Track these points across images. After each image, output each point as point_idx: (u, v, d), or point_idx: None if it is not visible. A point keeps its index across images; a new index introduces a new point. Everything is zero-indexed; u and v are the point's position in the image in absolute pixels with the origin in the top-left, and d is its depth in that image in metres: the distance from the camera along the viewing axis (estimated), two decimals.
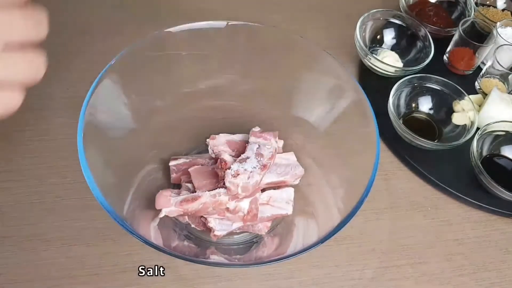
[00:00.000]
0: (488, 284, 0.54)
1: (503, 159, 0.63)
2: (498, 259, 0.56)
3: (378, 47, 0.74)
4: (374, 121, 0.47)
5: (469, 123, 0.63)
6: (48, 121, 0.60)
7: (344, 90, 0.52)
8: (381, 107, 0.62)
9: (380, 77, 0.71)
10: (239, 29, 0.54)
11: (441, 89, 0.67)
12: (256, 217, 0.49)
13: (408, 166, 0.63)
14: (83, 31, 0.71)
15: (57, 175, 0.56)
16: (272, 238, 0.51)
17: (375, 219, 0.57)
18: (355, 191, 0.44)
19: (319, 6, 0.82)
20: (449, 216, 0.59)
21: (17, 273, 0.48)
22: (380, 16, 0.74)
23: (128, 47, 0.48)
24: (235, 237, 0.52)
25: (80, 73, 0.65)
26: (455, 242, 0.57)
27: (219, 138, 0.54)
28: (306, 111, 0.57)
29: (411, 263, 0.54)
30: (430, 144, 0.61)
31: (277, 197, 0.51)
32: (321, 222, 0.49)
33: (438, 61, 0.73)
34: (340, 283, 0.52)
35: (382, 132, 0.64)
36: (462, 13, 0.79)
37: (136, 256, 0.50)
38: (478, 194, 0.60)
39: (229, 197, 0.47)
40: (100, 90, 0.45)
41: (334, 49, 0.57)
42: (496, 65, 0.68)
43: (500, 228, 0.59)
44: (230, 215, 0.48)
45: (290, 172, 0.52)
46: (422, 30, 0.72)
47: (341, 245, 0.54)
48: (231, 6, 0.78)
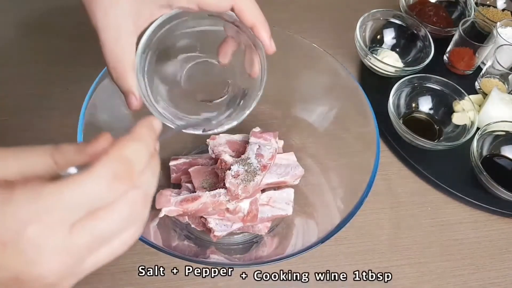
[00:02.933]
0: (488, 284, 0.54)
1: (503, 159, 0.63)
2: (498, 259, 0.56)
3: (378, 47, 0.74)
4: (374, 121, 0.47)
5: (469, 123, 0.63)
6: (48, 121, 0.60)
7: (344, 90, 0.52)
8: (381, 107, 0.62)
9: (380, 77, 0.71)
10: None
11: (441, 89, 0.67)
12: (256, 218, 0.49)
13: (408, 166, 0.63)
14: (83, 31, 0.71)
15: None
16: (272, 238, 0.51)
17: (375, 219, 0.57)
18: (355, 191, 0.44)
19: (319, 6, 0.82)
20: (449, 216, 0.59)
21: None
22: (380, 16, 0.74)
23: None
24: (235, 237, 0.52)
25: (80, 73, 0.65)
26: (455, 242, 0.57)
27: (219, 138, 0.54)
28: (306, 111, 0.57)
29: (411, 263, 0.54)
30: (430, 144, 0.61)
31: (277, 197, 0.51)
32: (321, 222, 0.49)
33: (438, 61, 0.73)
34: (340, 283, 0.52)
35: (382, 132, 0.64)
36: (462, 13, 0.79)
37: (136, 256, 0.50)
38: (478, 194, 0.60)
39: (229, 197, 0.47)
40: (100, 90, 0.45)
41: (334, 49, 0.57)
42: (496, 65, 0.68)
43: (500, 228, 0.59)
44: (230, 215, 0.48)
45: (290, 173, 0.52)
46: (422, 30, 0.72)
47: (341, 245, 0.54)
48: None
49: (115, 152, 0.25)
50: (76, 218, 0.24)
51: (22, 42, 0.69)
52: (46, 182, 0.24)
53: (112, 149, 0.25)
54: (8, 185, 0.24)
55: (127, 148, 0.26)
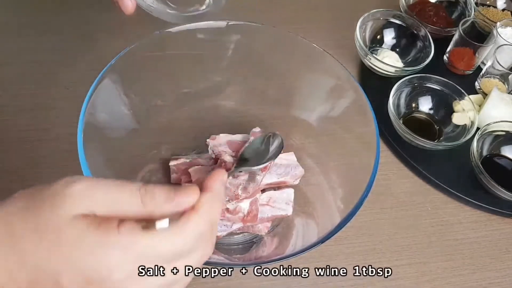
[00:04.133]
0: (488, 284, 0.54)
1: (503, 159, 0.63)
2: (498, 259, 0.56)
3: (378, 47, 0.74)
4: (374, 121, 0.47)
5: (469, 123, 0.63)
6: (48, 121, 0.60)
7: (344, 90, 0.52)
8: (381, 107, 0.62)
9: (380, 77, 0.71)
10: (239, 29, 0.54)
11: (441, 89, 0.67)
12: (256, 218, 0.49)
13: (408, 166, 0.63)
14: (83, 31, 0.71)
15: (57, 175, 0.55)
16: (272, 238, 0.51)
17: (375, 219, 0.57)
18: (355, 191, 0.44)
19: (319, 6, 0.82)
20: (449, 216, 0.59)
21: None
22: (380, 16, 0.74)
23: (128, 47, 0.48)
24: (235, 237, 0.52)
25: (80, 73, 0.65)
26: (455, 242, 0.57)
27: (220, 138, 0.54)
28: (306, 111, 0.57)
29: (411, 263, 0.54)
30: (430, 144, 0.61)
31: (277, 198, 0.51)
32: (321, 222, 0.49)
33: (438, 61, 0.73)
34: (340, 283, 0.52)
35: (382, 132, 0.64)
36: (462, 13, 0.79)
37: None
38: (478, 194, 0.60)
39: (229, 197, 0.47)
40: (100, 90, 0.45)
41: (334, 49, 0.57)
42: (496, 65, 0.68)
43: (500, 228, 0.59)
44: (230, 215, 0.48)
45: (290, 173, 0.52)
46: (422, 30, 0.72)
47: (341, 245, 0.54)
48: (231, 6, 0.78)
49: (203, 215, 0.28)
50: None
51: (22, 41, 0.69)
52: (140, 230, 0.26)
53: (200, 209, 0.28)
54: (104, 222, 0.26)
55: (212, 210, 0.29)
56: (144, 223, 0.27)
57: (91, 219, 0.26)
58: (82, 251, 0.25)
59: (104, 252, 0.25)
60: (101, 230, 0.25)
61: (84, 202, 0.26)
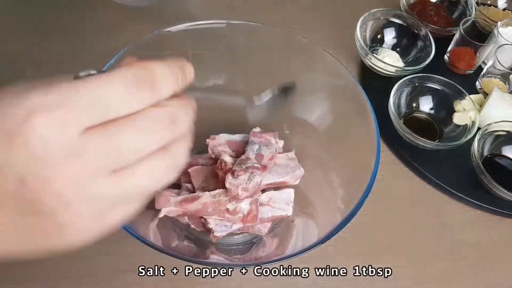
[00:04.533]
0: (488, 284, 0.54)
1: (504, 159, 0.63)
2: (499, 260, 0.56)
3: (378, 47, 0.74)
4: (374, 121, 0.47)
5: (470, 123, 0.63)
6: None
7: (344, 90, 0.52)
8: (382, 107, 0.62)
9: (380, 76, 0.70)
10: (239, 28, 0.53)
11: (442, 89, 0.67)
12: (256, 218, 0.49)
13: (409, 166, 0.63)
14: (83, 31, 0.71)
15: None
16: (272, 239, 0.51)
17: (376, 219, 0.57)
18: (355, 191, 0.44)
19: (319, 5, 0.82)
20: (450, 216, 0.59)
21: (17, 273, 0.48)
22: (381, 16, 0.73)
23: (128, 47, 0.48)
24: (235, 237, 0.52)
25: None
26: (455, 242, 0.57)
27: (219, 138, 0.54)
28: (306, 111, 0.57)
29: (411, 263, 0.54)
30: (431, 144, 0.61)
31: (277, 198, 0.51)
32: (321, 223, 0.49)
33: (439, 60, 0.73)
34: (340, 283, 0.52)
35: (382, 132, 0.64)
36: (463, 13, 0.79)
37: (136, 256, 0.50)
38: (478, 194, 0.60)
39: (229, 197, 0.47)
40: None
41: (334, 48, 0.57)
42: (497, 65, 0.68)
43: (501, 228, 0.59)
44: (230, 216, 0.48)
45: (290, 173, 0.52)
46: (423, 29, 0.72)
47: (341, 245, 0.54)
48: (231, 6, 0.78)
49: (139, 62, 0.24)
50: (89, 120, 0.21)
51: (22, 41, 0.69)
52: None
53: (136, 62, 0.24)
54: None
55: (151, 63, 0.24)
56: None
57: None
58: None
59: (20, 101, 0.22)
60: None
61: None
